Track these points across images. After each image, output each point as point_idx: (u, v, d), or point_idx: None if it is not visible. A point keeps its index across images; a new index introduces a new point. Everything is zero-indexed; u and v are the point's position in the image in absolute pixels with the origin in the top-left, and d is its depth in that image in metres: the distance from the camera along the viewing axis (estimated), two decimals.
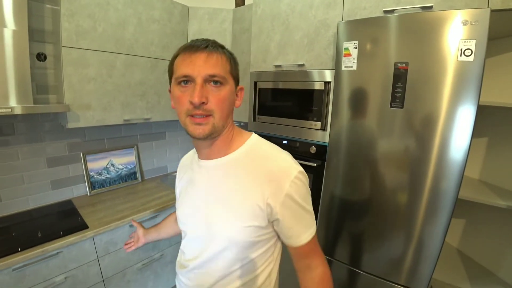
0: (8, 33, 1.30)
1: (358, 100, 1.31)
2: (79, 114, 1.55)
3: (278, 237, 0.72)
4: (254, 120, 1.84)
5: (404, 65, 1.17)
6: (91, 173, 1.87)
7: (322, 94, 1.49)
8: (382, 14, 1.25)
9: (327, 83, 1.47)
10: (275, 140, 1.71)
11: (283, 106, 1.67)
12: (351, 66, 1.32)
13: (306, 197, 0.68)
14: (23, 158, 1.59)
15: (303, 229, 0.68)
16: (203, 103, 0.60)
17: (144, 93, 1.84)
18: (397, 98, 1.20)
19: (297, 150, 1.61)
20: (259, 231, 0.66)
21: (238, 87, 0.70)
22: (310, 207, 0.69)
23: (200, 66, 0.60)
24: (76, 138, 1.82)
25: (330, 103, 1.43)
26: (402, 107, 1.18)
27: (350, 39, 1.30)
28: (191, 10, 2.00)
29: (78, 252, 1.41)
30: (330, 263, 1.49)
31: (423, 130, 1.12)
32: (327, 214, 1.48)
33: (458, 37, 1.00)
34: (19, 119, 1.57)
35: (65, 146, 1.77)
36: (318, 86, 1.50)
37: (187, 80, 0.61)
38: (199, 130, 0.62)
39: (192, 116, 0.61)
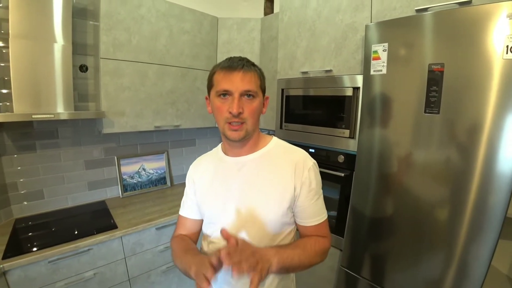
0: (58, 48, 1.45)
1: (389, 106, 1.22)
2: (114, 120, 1.66)
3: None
4: (281, 127, 1.81)
5: (439, 67, 1.06)
6: (124, 176, 1.99)
7: (351, 100, 1.42)
8: (414, 14, 1.16)
9: (355, 89, 1.40)
10: (301, 148, 1.66)
11: (310, 113, 1.63)
12: (381, 70, 1.24)
13: (319, 185, 0.84)
14: (64, 160, 1.74)
15: (317, 212, 0.84)
16: (240, 113, 0.74)
17: (174, 101, 1.92)
18: (432, 102, 1.09)
19: (324, 158, 1.55)
20: (290, 212, 0.82)
21: (265, 97, 0.84)
22: (322, 196, 0.85)
23: (238, 83, 0.74)
24: (112, 143, 1.95)
25: (359, 110, 1.35)
26: (438, 113, 1.07)
27: (379, 41, 1.23)
28: (220, 21, 2.06)
29: (107, 251, 1.49)
30: (356, 280, 1.39)
31: (465, 139, 1.00)
32: (355, 227, 1.38)
33: (503, 33, 0.89)
34: (62, 125, 1.72)
35: (102, 150, 1.90)
36: (346, 92, 1.43)
37: (226, 93, 0.75)
38: (235, 135, 0.76)
39: (229, 123, 0.76)
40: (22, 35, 1.33)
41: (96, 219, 1.66)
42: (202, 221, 0.92)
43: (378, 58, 1.24)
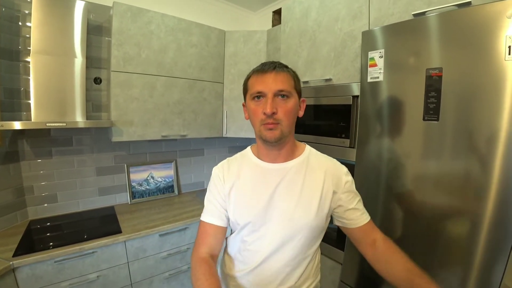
0: (73, 62, 1.58)
1: (387, 113, 1.19)
2: (123, 129, 1.75)
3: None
4: None
5: (437, 72, 1.03)
6: (132, 184, 2.07)
7: (350, 109, 1.40)
8: (412, 18, 1.14)
9: (355, 97, 1.38)
10: None
11: (311, 122, 1.61)
12: (378, 77, 1.22)
13: (355, 188, 0.88)
14: (78, 166, 1.86)
15: (363, 210, 0.86)
16: (274, 113, 0.74)
17: (181, 112, 1.99)
18: (431, 109, 1.05)
19: None
20: (327, 220, 0.85)
21: (301, 99, 0.84)
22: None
23: (270, 83, 0.75)
24: (122, 151, 2.04)
25: (359, 119, 1.33)
26: (437, 120, 1.02)
27: (375, 48, 1.21)
28: (227, 34, 2.13)
29: (110, 254, 1.54)
30: None
31: (476, 147, 0.92)
32: None
33: (504, 34, 0.84)
34: (76, 133, 1.84)
35: (112, 157, 2.00)
36: (345, 100, 1.42)
37: (260, 95, 0.77)
38: (271, 134, 0.76)
39: (265, 124, 0.76)
40: (42, 51, 1.47)
41: (103, 224, 1.74)
42: (225, 229, 0.89)
43: (375, 65, 1.23)
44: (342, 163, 1.40)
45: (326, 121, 1.54)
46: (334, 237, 1.46)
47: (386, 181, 1.19)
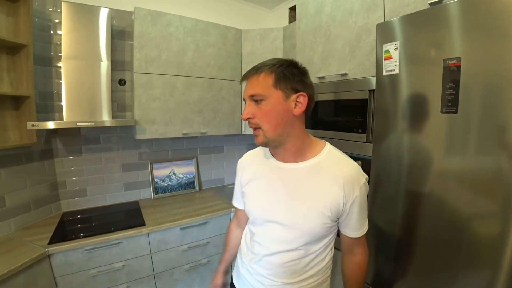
0: (99, 65, 1.69)
1: (403, 107, 1.15)
2: (146, 127, 1.84)
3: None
4: None
5: (455, 62, 0.99)
6: (155, 180, 2.17)
7: (367, 103, 1.38)
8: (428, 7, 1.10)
9: (371, 91, 1.35)
10: None
11: (328, 118, 1.61)
12: (393, 70, 1.19)
13: (366, 201, 0.84)
14: (105, 163, 1.99)
15: (361, 225, 0.85)
16: (249, 118, 0.76)
17: (201, 110, 2.06)
18: (449, 101, 1.01)
19: None
20: (332, 225, 0.82)
21: (296, 95, 0.75)
22: (367, 209, 0.87)
23: (247, 89, 0.77)
24: (145, 149, 2.15)
25: (375, 113, 1.30)
26: (456, 112, 0.98)
27: (390, 40, 1.18)
28: (244, 33, 2.17)
29: (135, 245, 1.63)
30: None
31: (507, 142, 0.84)
32: (376, 240, 1.29)
33: None
34: (103, 132, 1.97)
35: (136, 155, 2.12)
36: (361, 95, 1.39)
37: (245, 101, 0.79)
38: (256, 140, 0.79)
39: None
40: (72, 56, 1.59)
41: (128, 217, 1.84)
42: None
43: (390, 58, 1.20)
44: (359, 158, 1.42)
45: (343, 116, 1.52)
46: None
47: (406, 176, 1.15)
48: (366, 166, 1.36)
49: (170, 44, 1.86)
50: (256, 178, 0.89)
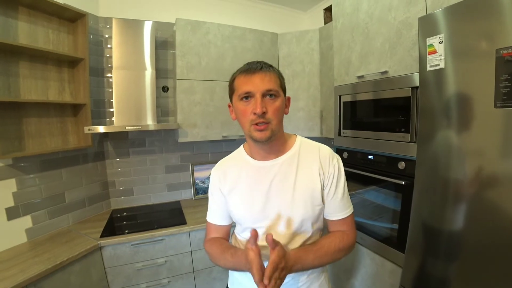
0: (145, 74, 1.83)
1: (451, 104, 1.08)
2: (188, 131, 1.94)
3: None
4: (339, 135, 1.77)
5: (510, 51, 0.91)
6: (196, 181, 2.27)
7: (410, 101, 1.31)
8: None
9: (414, 89, 1.28)
10: (360, 155, 1.60)
11: (369, 118, 1.56)
12: (438, 65, 1.12)
13: (344, 179, 0.87)
14: (149, 164, 2.13)
15: (343, 206, 0.86)
16: (264, 113, 0.75)
17: None
18: (505, 94, 0.93)
19: (384, 165, 1.44)
20: (322, 205, 0.85)
21: (286, 97, 0.86)
22: (347, 191, 0.88)
23: (259, 83, 0.76)
24: (187, 151, 2.26)
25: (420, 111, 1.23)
26: None
27: (433, 33, 1.12)
28: (280, 36, 2.20)
29: (176, 242, 1.72)
30: None
31: None
32: (417, 242, 1.21)
33: None
34: (148, 135, 2.11)
35: (179, 157, 2.23)
36: (404, 93, 1.33)
37: (248, 96, 0.77)
38: (262, 135, 0.77)
39: (256, 124, 0.77)
40: (121, 67, 1.74)
41: (170, 216, 1.94)
42: (231, 225, 0.94)
43: (434, 52, 1.13)
44: (402, 159, 1.35)
45: (384, 115, 1.46)
46: (395, 239, 1.37)
47: (455, 179, 1.06)
48: (410, 167, 1.30)
49: (209, 51, 1.94)
50: (241, 183, 0.87)
